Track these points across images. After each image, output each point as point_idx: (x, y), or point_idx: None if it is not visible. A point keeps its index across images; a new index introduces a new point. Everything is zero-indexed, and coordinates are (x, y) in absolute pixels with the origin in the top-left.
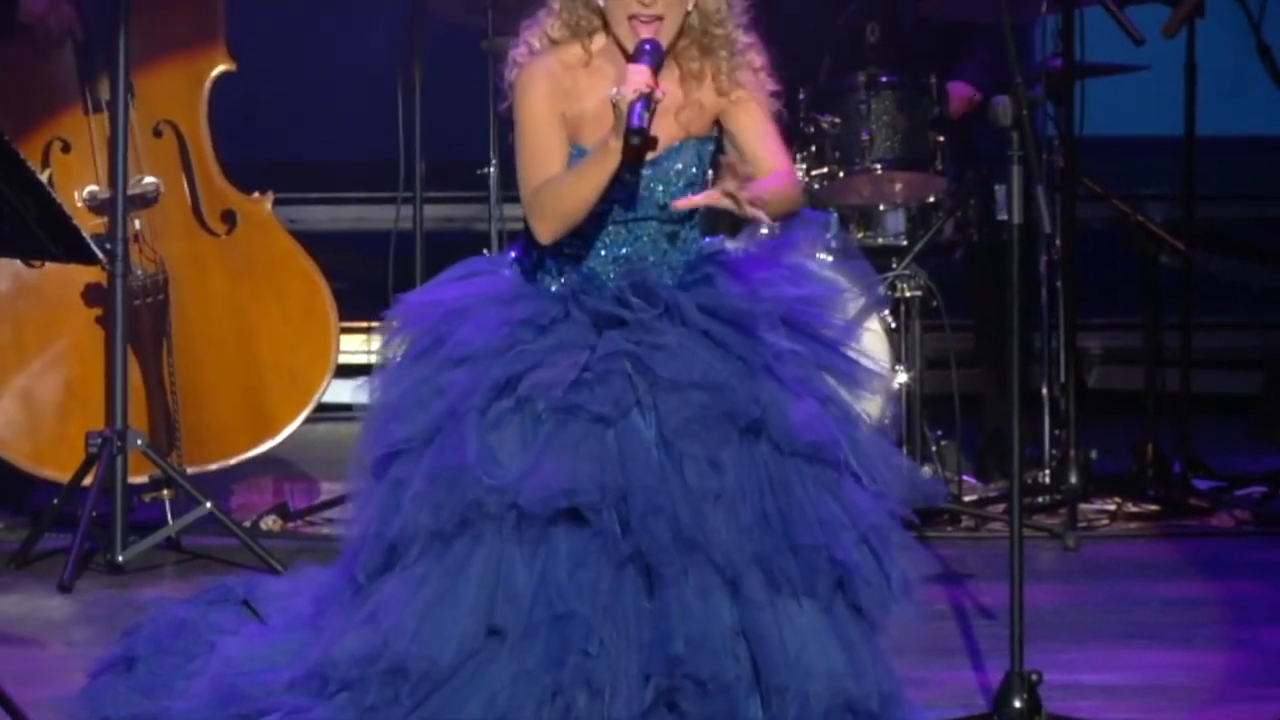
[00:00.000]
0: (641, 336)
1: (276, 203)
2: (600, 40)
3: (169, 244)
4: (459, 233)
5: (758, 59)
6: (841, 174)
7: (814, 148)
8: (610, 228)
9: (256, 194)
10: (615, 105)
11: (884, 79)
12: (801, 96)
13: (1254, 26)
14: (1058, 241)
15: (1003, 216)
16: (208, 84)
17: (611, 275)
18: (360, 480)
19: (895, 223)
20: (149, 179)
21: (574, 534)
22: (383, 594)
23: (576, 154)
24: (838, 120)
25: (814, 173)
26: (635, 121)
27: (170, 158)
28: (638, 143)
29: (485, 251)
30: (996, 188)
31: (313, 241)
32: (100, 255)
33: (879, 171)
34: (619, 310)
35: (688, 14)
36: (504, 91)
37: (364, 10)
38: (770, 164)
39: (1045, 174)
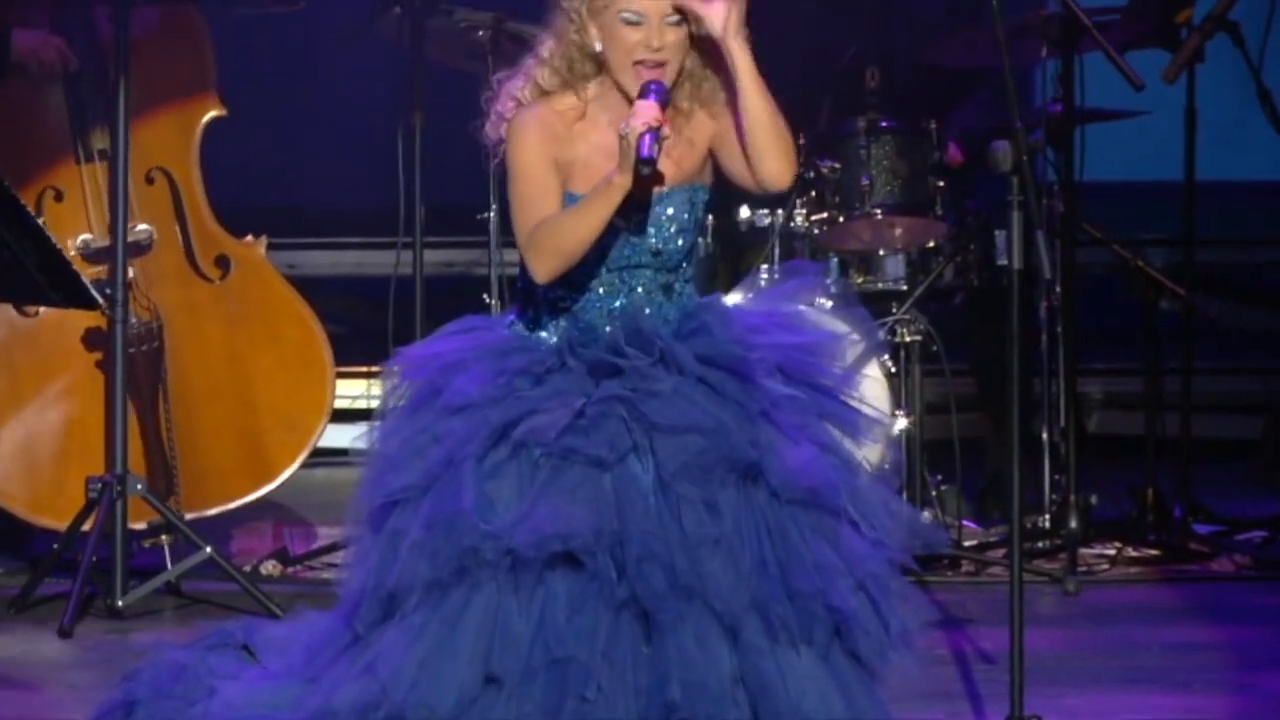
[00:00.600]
0: (637, 384)
1: (277, 247)
2: (594, 89)
3: (163, 291)
4: (459, 277)
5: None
6: (841, 219)
7: (814, 193)
8: (605, 276)
9: (250, 238)
10: (624, 138)
11: (884, 124)
12: (801, 141)
13: (1254, 72)
14: (1058, 287)
15: (1003, 261)
16: (199, 130)
17: (607, 328)
18: (358, 531)
19: (895, 268)
20: (142, 226)
21: (571, 579)
22: (381, 643)
23: (569, 200)
24: (838, 165)
25: (814, 217)
26: (645, 151)
27: (163, 204)
28: (648, 173)
29: (485, 296)
30: (996, 233)
31: (313, 286)
32: (100, 300)
33: (879, 216)
34: (614, 359)
35: (687, 53)
36: (490, 149)
37: (365, 56)
38: None
39: (1045, 219)
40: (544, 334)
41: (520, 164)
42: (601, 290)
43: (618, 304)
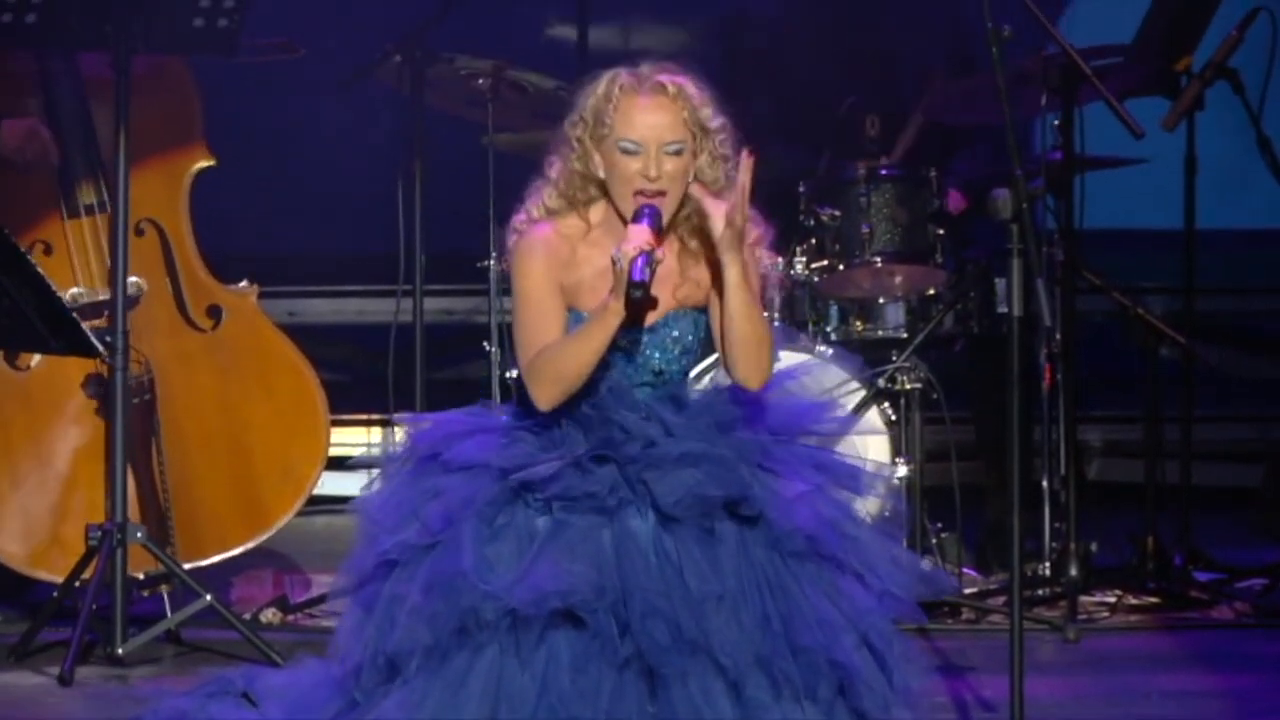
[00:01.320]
0: (635, 438)
1: (277, 295)
2: (599, 212)
3: (154, 342)
4: (459, 325)
5: (754, 230)
6: (841, 266)
7: (814, 240)
8: (606, 396)
9: (243, 284)
10: (616, 263)
11: (884, 172)
12: (801, 189)
13: (1253, 120)
14: (1058, 334)
15: (1003, 309)
16: (187, 181)
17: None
18: (353, 592)
19: (895, 315)
20: (131, 279)
21: (573, 637)
22: (382, 710)
23: (574, 319)
24: (838, 213)
25: (814, 265)
26: (637, 275)
27: (153, 256)
28: (639, 296)
29: (485, 344)
30: (996, 280)
31: (314, 334)
32: (100, 348)
33: (879, 264)
34: (608, 418)
35: (689, 184)
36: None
37: (366, 105)
38: None
39: (1045, 266)
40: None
41: (524, 289)
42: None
43: (616, 416)
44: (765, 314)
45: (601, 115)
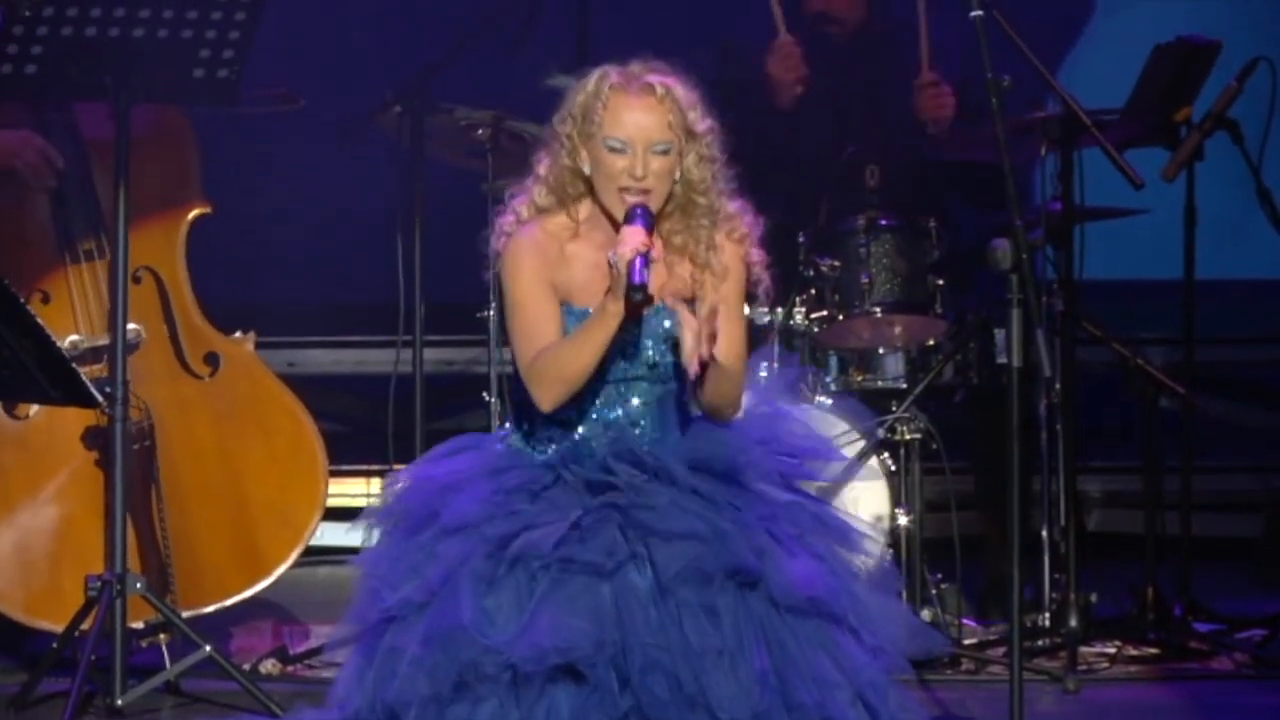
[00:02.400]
0: (632, 499)
1: (276, 345)
2: (586, 208)
3: (153, 389)
4: (458, 375)
5: (742, 227)
6: (841, 317)
7: (813, 291)
8: (603, 390)
9: (239, 334)
10: (614, 266)
11: (883, 222)
12: (801, 239)
13: (1253, 170)
14: (1057, 384)
15: (1002, 360)
16: (184, 229)
17: (602, 441)
18: (352, 646)
19: (895, 366)
20: (131, 326)
21: (573, 692)
22: None
23: (568, 316)
24: (837, 263)
25: (813, 315)
26: (636, 278)
27: (151, 303)
28: (640, 298)
29: (485, 394)
30: (996, 331)
31: (313, 384)
32: (99, 398)
33: (878, 315)
34: (608, 477)
35: (675, 183)
36: (490, 259)
37: (366, 154)
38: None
39: (1045, 317)
40: (538, 447)
41: (517, 293)
42: (598, 402)
43: (616, 414)
44: (752, 317)
45: (590, 113)
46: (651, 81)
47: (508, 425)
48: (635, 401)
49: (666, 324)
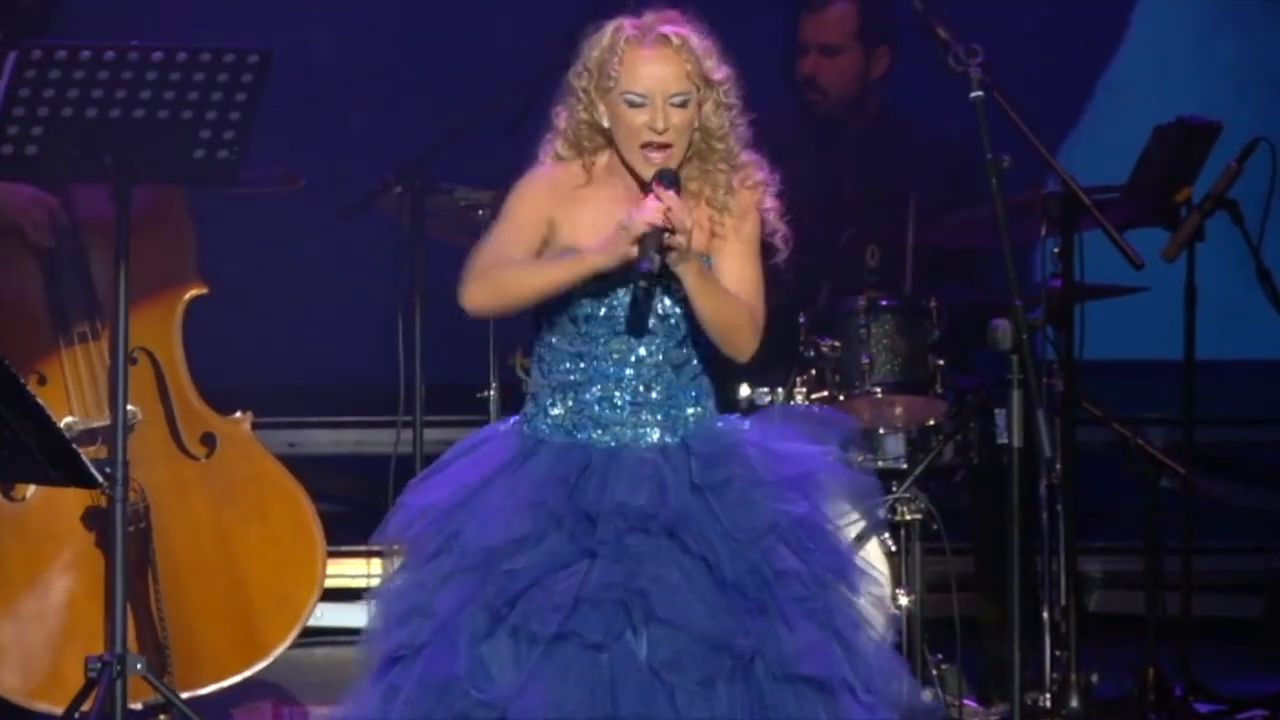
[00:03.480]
0: (636, 569)
1: (276, 426)
2: (605, 157)
3: (149, 471)
4: None
5: (757, 174)
6: (841, 397)
7: (814, 371)
8: (613, 342)
9: (238, 414)
10: (624, 230)
11: (884, 302)
12: (801, 320)
13: (1254, 251)
14: (1058, 465)
15: (1003, 440)
16: (180, 310)
17: (616, 397)
18: (362, 680)
19: (895, 446)
20: (128, 407)
21: None
22: None
23: (574, 253)
24: (837, 344)
25: (814, 396)
26: (644, 265)
27: (146, 384)
28: (645, 285)
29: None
30: (996, 411)
31: (313, 465)
32: (100, 479)
33: (879, 395)
34: (617, 541)
35: (693, 131)
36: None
37: (366, 235)
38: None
39: (1045, 397)
40: (554, 411)
41: (512, 208)
42: (610, 358)
43: (627, 373)
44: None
45: (606, 67)
46: (667, 32)
47: (515, 417)
48: (647, 359)
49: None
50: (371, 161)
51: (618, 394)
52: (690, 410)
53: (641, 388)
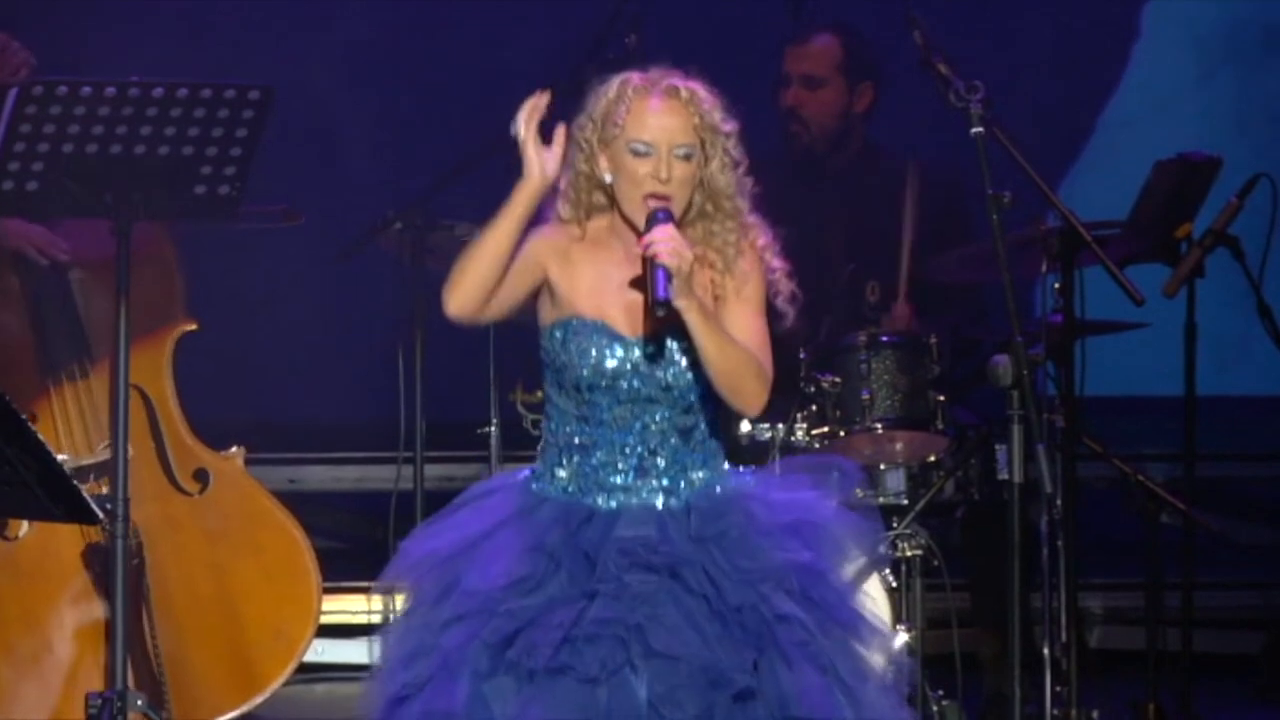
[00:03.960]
0: (635, 605)
1: (276, 462)
2: (605, 221)
3: (143, 507)
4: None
5: (761, 236)
6: (842, 433)
7: (814, 407)
8: (616, 410)
9: (234, 448)
10: (645, 248)
11: (884, 338)
12: (802, 355)
13: (1254, 287)
14: (1058, 501)
15: (1003, 476)
16: (170, 345)
17: (621, 465)
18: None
19: (896, 482)
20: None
21: None
22: None
23: (581, 326)
24: (838, 379)
25: (814, 431)
26: (661, 293)
27: (138, 421)
28: (663, 315)
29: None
30: (997, 447)
31: (313, 501)
32: (100, 515)
33: (879, 430)
34: (616, 581)
35: (694, 190)
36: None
37: (366, 270)
38: None
39: (1046, 433)
40: (560, 473)
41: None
42: (617, 423)
43: (630, 440)
44: (776, 329)
45: (612, 116)
46: (676, 84)
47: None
48: (652, 426)
49: (684, 341)
50: (372, 198)
51: (621, 460)
52: (696, 474)
53: (646, 454)
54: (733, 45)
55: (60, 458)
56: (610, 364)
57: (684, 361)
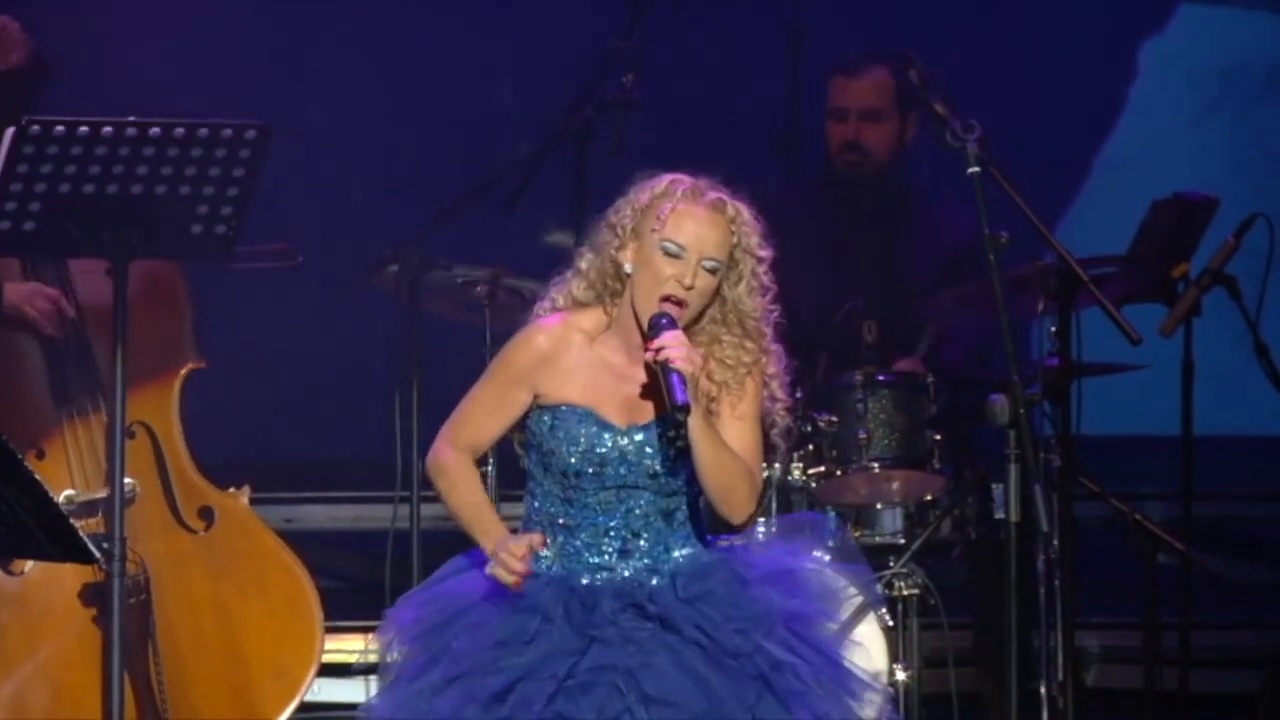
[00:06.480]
0: (630, 650)
1: (274, 501)
2: (608, 307)
3: (147, 544)
4: (456, 532)
5: (772, 366)
6: (839, 472)
7: (811, 446)
8: (601, 495)
9: (233, 489)
10: (653, 366)
11: (881, 378)
12: (799, 395)
13: (1251, 326)
14: (1055, 540)
15: (1000, 515)
16: (178, 383)
17: (604, 547)
18: None
19: (892, 521)
20: (125, 480)
21: None
22: None
23: (569, 414)
24: (835, 419)
25: (811, 471)
26: (680, 398)
27: (144, 458)
28: (683, 419)
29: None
30: (994, 486)
31: (310, 540)
32: (98, 555)
33: (876, 470)
34: (608, 628)
35: (709, 302)
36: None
37: (363, 310)
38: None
39: (1043, 473)
40: (544, 552)
41: (494, 371)
42: (600, 507)
43: (614, 524)
44: (767, 453)
45: (655, 209)
46: (724, 199)
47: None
48: (636, 511)
49: (671, 433)
50: (369, 238)
51: (605, 541)
52: (678, 553)
53: (630, 536)
54: (729, 86)
55: (70, 493)
56: (599, 451)
57: (672, 450)
